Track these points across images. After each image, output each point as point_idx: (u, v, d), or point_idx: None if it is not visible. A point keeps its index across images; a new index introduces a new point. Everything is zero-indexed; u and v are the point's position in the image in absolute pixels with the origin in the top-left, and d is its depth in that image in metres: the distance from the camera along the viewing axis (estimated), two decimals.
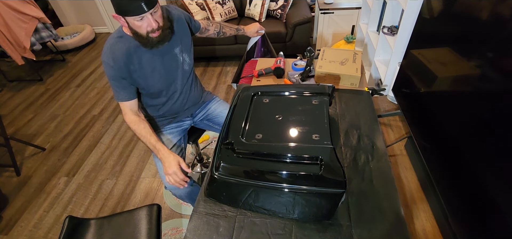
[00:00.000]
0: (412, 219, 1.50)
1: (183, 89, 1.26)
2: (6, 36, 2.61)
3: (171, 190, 1.24)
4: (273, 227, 0.80)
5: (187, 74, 1.25)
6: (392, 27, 2.14)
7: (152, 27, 0.98)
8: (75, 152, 2.19)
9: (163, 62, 1.13)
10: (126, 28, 1.02)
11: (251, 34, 1.55)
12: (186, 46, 1.21)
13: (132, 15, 0.93)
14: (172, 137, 1.29)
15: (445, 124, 1.16)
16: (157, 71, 1.12)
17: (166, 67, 1.15)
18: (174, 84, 1.21)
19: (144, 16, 0.95)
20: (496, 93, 0.87)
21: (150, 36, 1.00)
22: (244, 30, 1.52)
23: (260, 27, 1.54)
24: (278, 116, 0.92)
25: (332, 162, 0.75)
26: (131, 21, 0.96)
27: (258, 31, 1.54)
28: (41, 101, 2.82)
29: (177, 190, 1.22)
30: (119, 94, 1.08)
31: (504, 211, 0.82)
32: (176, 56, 1.17)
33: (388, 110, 2.22)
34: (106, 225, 1.11)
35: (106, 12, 3.96)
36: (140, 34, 0.99)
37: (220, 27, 1.44)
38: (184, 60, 1.21)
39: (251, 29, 1.52)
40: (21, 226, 1.71)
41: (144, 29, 0.98)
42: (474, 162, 0.96)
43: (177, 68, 1.19)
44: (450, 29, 1.16)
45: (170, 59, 1.16)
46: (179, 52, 1.18)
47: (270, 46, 1.66)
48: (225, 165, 0.81)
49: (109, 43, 1.03)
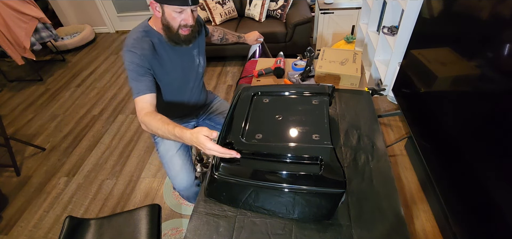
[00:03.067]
0: (412, 219, 1.50)
1: (195, 91, 1.28)
2: (6, 36, 2.61)
3: (179, 191, 1.25)
4: (273, 227, 0.80)
5: (200, 76, 1.27)
6: (392, 27, 2.14)
7: (188, 22, 0.98)
8: (75, 152, 2.18)
9: (182, 63, 1.14)
10: (156, 19, 1.01)
11: (251, 41, 1.58)
12: (202, 49, 1.23)
13: (174, 4, 0.92)
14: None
15: (445, 124, 1.16)
16: (175, 70, 1.13)
17: (183, 68, 1.16)
18: (188, 85, 1.23)
19: (185, 10, 0.95)
20: (496, 93, 0.87)
21: (180, 32, 1.00)
22: (244, 38, 1.55)
23: (259, 35, 1.58)
24: (278, 116, 0.92)
25: (332, 162, 0.75)
26: (169, 11, 0.95)
27: (258, 39, 1.58)
28: (41, 101, 2.82)
29: (185, 192, 1.24)
30: (140, 86, 0.98)
31: (504, 211, 0.82)
32: (194, 58, 1.19)
33: (388, 110, 2.22)
34: (106, 225, 1.11)
35: (106, 12, 3.96)
36: (171, 26, 0.98)
37: (223, 34, 1.47)
38: (199, 62, 1.22)
39: (251, 37, 1.56)
40: (21, 226, 1.70)
41: (177, 23, 0.98)
42: (474, 162, 0.96)
43: (193, 70, 1.21)
44: (450, 29, 1.16)
45: (188, 60, 1.17)
46: (197, 55, 1.20)
47: (268, 53, 1.70)
48: (225, 165, 0.81)
49: (135, 36, 1.01)
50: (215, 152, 0.77)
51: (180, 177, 1.21)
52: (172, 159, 1.22)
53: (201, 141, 0.77)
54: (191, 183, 1.22)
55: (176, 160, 1.22)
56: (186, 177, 1.21)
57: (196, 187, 1.24)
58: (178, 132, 0.84)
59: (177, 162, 1.21)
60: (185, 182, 1.21)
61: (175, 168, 1.21)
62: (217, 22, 2.86)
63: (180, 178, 1.21)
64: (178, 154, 1.23)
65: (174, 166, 1.21)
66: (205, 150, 0.78)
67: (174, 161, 1.22)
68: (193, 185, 1.22)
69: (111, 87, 2.92)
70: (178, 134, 0.84)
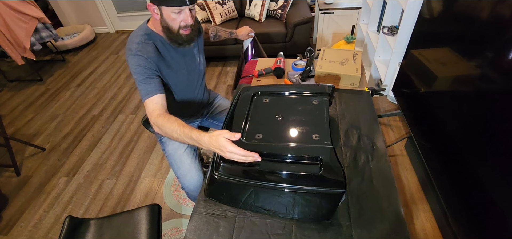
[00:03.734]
0: (412, 219, 1.50)
1: (199, 90, 1.28)
2: (6, 36, 2.61)
3: (188, 191, 1.25)
4: (273, 227, 0.80)
5: (202, 75, 1.28)
6: (392, 27, 2.14)
7: (187, 22, 0.98)
8: (75, 152, 2.18)
9: (185, 62, 1.14)
10: (155, 21, 1.01)
11: (243, 37, 1.58)
12: (201, 47, 1.24)
13: (172, 5, 0.92)
14: None
15: (445, 124, 1.16)
16: (180, 70, 1.13)
17: (188, 68, 1.16)
18: (192, 84, 1.23)
19: (183, 10, 0.95)
20: (496, 93, 0.87)
21: (181, 32, 1.00)
22: (236, 34, 1.56)
23: (250, 30, 1.58)
24: (278, 116, 0.92)
25: (332, 162, 0.75)
26: (167, 13, 0.95)
27: (249, 33, 1.58)
28: (41, 101, 2.82)
29: (194, 192, 1.23)
30: (149, 88, 0.96)
31: (504, 211, 0.82)
32: (195, 56, 1.19)
33: (388, 110, 2.22)
34: (106, 225, 1.11)
35: (106, 12, 3.96)
36: (172, 28, 0.98)
37: (216, 31, 1.48)
38: (200, 61, 1.23)
39: (242, 32, 1.57)
40: (21, 226, 1.70)
41: (177, 24, 0.97)
42: (474, 161, 0.96)
43: (195, 68, 1.21)
44: (450, 29, 1.16)
45: (191, 59, 1.17)
46: (197, 53, 1.20)
47: (260, 48, 1.71)
48: (225, 165, 0.81)
49: (137, 39, 1.00)
50: (236, 156, 0.74)
51: (190, 176, 1.20)
52: (181, 158, 1.21)
53: (222, 144, 0.74)
54: (201, 182, 1.21)
55: (185, 159, 1.21)
56: (196, 176, 1.20)
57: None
58: (196, 135, 0.82)
59: (186, 161, 1.21)
60: (195, 181, 1.20)
61: (184, 167, 1.20)
62: (217, 22, 2.86)
63: (190, 177, 1.20)
64: (186, 153, 1.23)
65: (184, 165, 1.20)
66: (225, 153, 0.75)
67: (183, 160, 1.21)
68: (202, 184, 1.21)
69: (111, 87, 2.92)
70: (195, 137, 0.82)
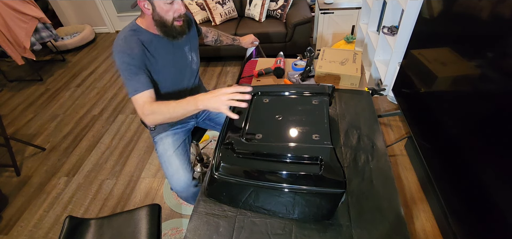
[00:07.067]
0: (412, 219, 1.50)
1: (191, 89, 1.28)
2: (6, 36, 2.61)
3: (176, 192, 1.24)
4: (273, 227, 0.80)
5: (194, 73, 1.27)
6: (392, 27, 2.14)
7: (180, 12, 0.98)
8: (75, 152, 2.18)
9: (174, 59, 1.14)
10: (145, 18, 1.02)
11: (246, 44, 1.57)
12: (194, 46, 1.23)
13: None
14: (177, 137, 1.28)
15: (445, 124, 1.16)
16: (168, 67, 1.12)
17: (176, 65, 1.15)
18: (182, 82, 1.22)
19: (175, 0, 0.96)
20: (496, 93, 0.87)
21: (175, 24, 1.00)
22: (239, 41, 1.54)
23: (254, 38, 1.57)
24: (278, 116, 0.92)
25: (332, 162, 0.74)
26: (160, 5, 0.95)
27: (253, 42, 1.57)
28: (41, 101, 2.82)
29: (183, 193, 1.22)
30: (136, 84, 0.96)
31: (504, 211, 0.82)
32: (186, 54, 1.19)
33: (388, 110, 2.22)
34: (106, 225, 1.11)
35: (106, 12, 3.96)
36: (166, 20, 0.99)
37: (218, 35, 1.47)
38: (192, 59, 1.22)
39: (246, 40, 1.55)
40: (21, 226, 1.71)
41: (170, 15, 0.98)
42: (474, 161, 0.96)
43: (186, 66, 1.21)
44: (450, 29, 1.16)
45: (181, 57, 1.17)
46: (188, 51, 1.20)
47: (263, 55, 1.70)
48: (225, 165, 0.81)
49: (123, 36, 1.01)
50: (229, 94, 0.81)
51: (177, 177, 1.19)
52: (170, 159, 1.21)
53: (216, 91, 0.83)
54: (188, 184, 1.19)
55: (173, 160, 1.21)
56: (183, 177, 1.19)
57: (194, 188, 1.21)
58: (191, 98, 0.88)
59: (175, 161, 1.21)
60: (182, 182, 1.19)
61: (172, 168, 1.20)
62: (217, 22, 2.86)
63: (177, 178, 1.19)
64: (175, 154, 1.22)
65: (172, 166, 1.20)
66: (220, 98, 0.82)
67: (171, 160, 1.21)
68: (190, 185, 1.20)
69: (111, 87, 2.92)
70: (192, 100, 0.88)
